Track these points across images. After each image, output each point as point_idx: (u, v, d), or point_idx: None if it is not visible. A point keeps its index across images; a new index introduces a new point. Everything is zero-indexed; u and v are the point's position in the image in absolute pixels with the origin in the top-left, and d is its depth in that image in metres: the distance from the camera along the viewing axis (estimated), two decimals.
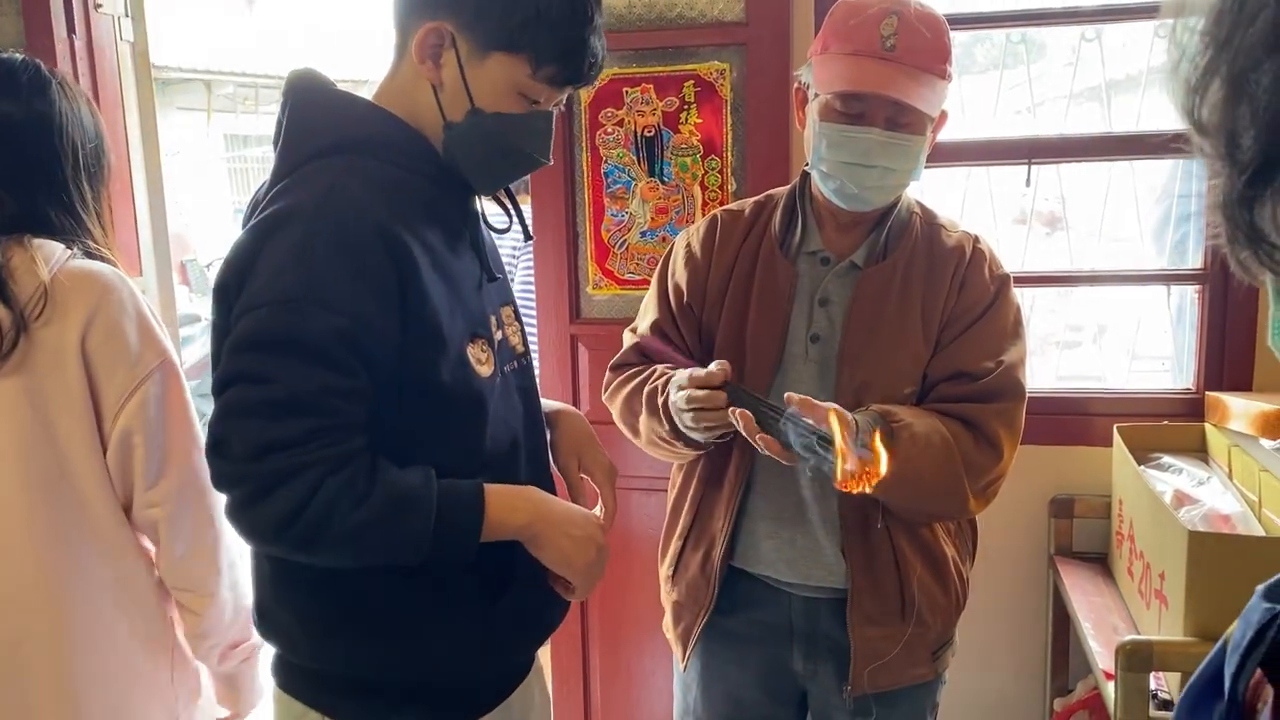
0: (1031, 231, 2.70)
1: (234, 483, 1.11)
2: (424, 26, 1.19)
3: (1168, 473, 1.99)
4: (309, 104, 1.25)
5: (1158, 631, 1.71)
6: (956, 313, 1.56)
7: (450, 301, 1.20)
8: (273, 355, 1.09)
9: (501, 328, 1.31)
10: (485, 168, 1.26)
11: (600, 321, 2.38)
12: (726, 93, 2.23)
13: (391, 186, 1.19)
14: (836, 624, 1.60)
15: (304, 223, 1.13)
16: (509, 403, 1.31)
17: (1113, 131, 2.34)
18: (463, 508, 1.16)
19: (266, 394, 1.08)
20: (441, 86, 1.21)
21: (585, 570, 1.27)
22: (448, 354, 1.19)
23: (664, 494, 1.80)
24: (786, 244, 1.62)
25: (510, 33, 1.17)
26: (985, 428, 1.50)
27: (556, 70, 1.21)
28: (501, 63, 1.19)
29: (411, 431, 1.19)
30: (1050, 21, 2.31)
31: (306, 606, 1.25)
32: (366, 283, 1.12)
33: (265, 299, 1.11)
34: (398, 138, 1.23)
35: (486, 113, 1.21)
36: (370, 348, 1.12)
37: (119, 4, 2.60)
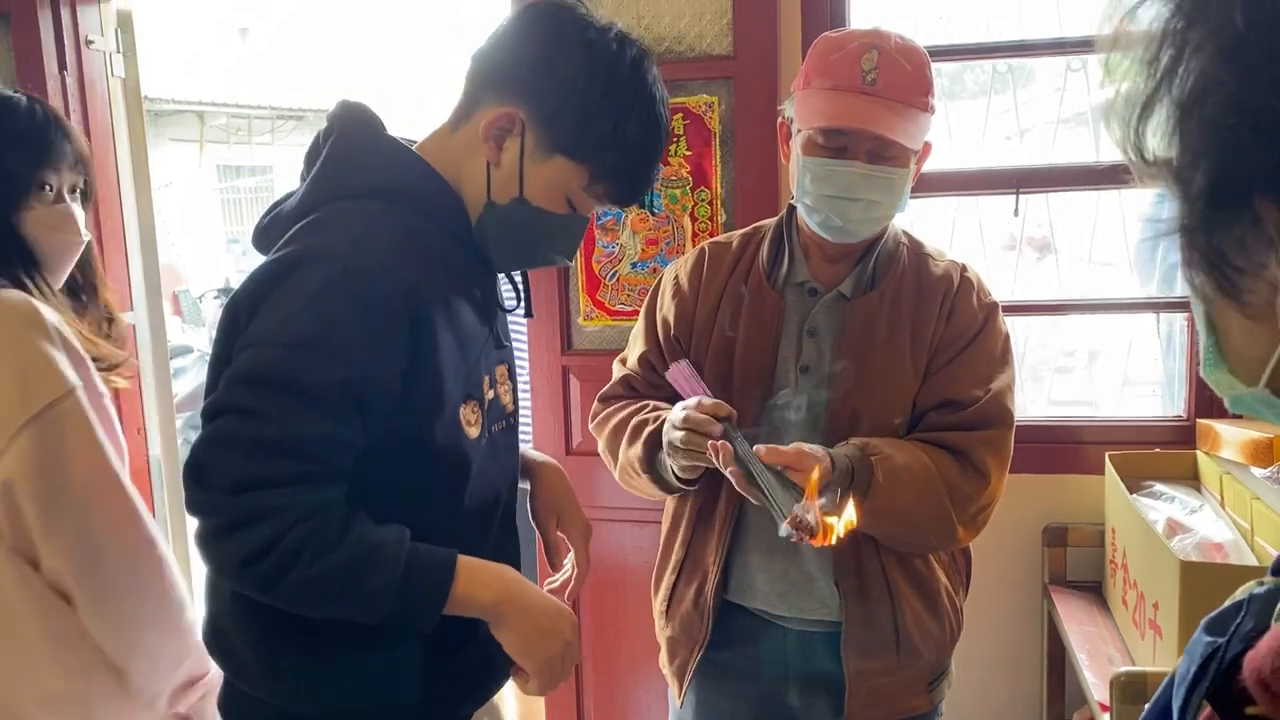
0: (1021, 257, 2.71)
1: (206, 512, 1.09)
2: (499, 109, 1.19)
3: (1160, 501, 1.99)
4: (356, 138, 1.24)
5: (1153, 662, 1.70)
6: (945, 341, 1.56)
7: (456, 364, 1.19)
8: (271, 394, 1.08)
9: (494, 386, 1.30)
10: (510, 252, 1.27)
11: (591, 353, 2.38)
12: (715, 125, 2.25)
13: (421, 243, 1.18)
14: (831, 657, 1.59)
15: (328, 266, 1.11)
16: (494, 461, 1.29)
17: (1100, 162, 2.36)
18: (431, 577, 1.13)
19: (257, 430, 1.07)
20: (497, 166, 1.21)
21: (545, 664, 1.21)
22: (443, 415, 1.18)
23: (657, 526, 1.79)
24: (774, 275, 1.62)
25: (581, 144, 1.18)
26: (972, 455, 1.49)
27: (612, 189, 1.23)
28: (562, 167, 1.20)
29: (394, 484, 1.17)
30: (1035, 53, 2.33)
31: (259, 633, 1.23)
32: (379, 338, 1.11)
33: (274, 338, 1.10)
34: (436, 195, 1.23)
35: (530, 205, 1.21)
36: (369, 400, 1.11)
37: (110, 40, 2.62)
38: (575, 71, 1.17)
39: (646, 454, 1.56)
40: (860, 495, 1.43)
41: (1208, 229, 0.48)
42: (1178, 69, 0.47)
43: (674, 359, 1.66)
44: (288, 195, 1.27)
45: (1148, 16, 0.49)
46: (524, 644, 1.19)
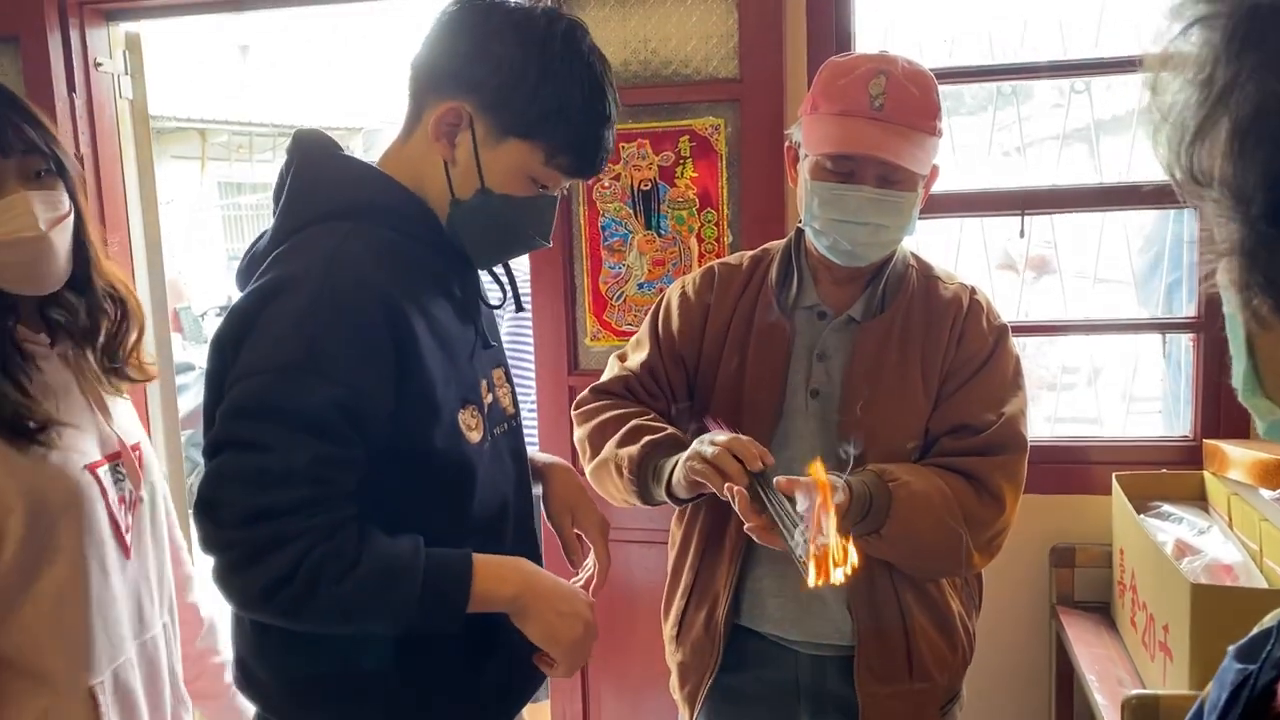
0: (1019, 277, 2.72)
1: (221, 548, 1.10)
2: (443, 105, 1.20)
3: (1168, 522, 1.99)
4: (314, 166, 1.26)
5: (1163, 684, 1.70)
6: (956, 365, 1.56)
7: (446, 370, 1.20)
8: (268, 423, 1.09)
9: (493, 390, 1.31)
10: (486, 245, 1.28)
11: (598, 373, 2.37)
12: (722, 147, 2.26)
13: (394, 254, 1.19)
14: (844, 682, 1.58)
15: (306, 290, 1.12)
16: (499, 466, 1.30)
17: (1104, 182, 2.37)
18: (450, 578, 1.15)
19: (260, 462, 1.08)
20: (454, 164, 1.22)
21: (571, 647, 1.24)
22: (440, 422, 1.19)
23: (662, 547, 1.79)
24: (783, 298, 1.62)
25: (529, 123, 1.19)
26: (988, 481, 1.49)
27: (569, 161, 1.23)
28: (516, 149, 1.21)
29: (401, 496, 1.19)
30: (1040, 75, 2.34)
31: (286, 666, 1.24)
32: (365, 353, 1.12)
33: (263, 366, 1.11)
34: (402, 205, 1.23)
35: (495, 194, 1.22)
36: (365, 417, 1.12)
37: (119, 63, 2.63)
38: (509, 53, 1.18)
39: (641, 457, 1.54)
40: (877, 522, 1.43)
41: (1271, 250, 0.46)
42: (1235, 89, 0.46)
43: (676, 374, 1.66)
44: (260, 235, 1.28)
45: (1199, 38, 0.48)
46: (548, 630, 1.22)
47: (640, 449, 1.54)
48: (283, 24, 11.37)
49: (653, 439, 1.54)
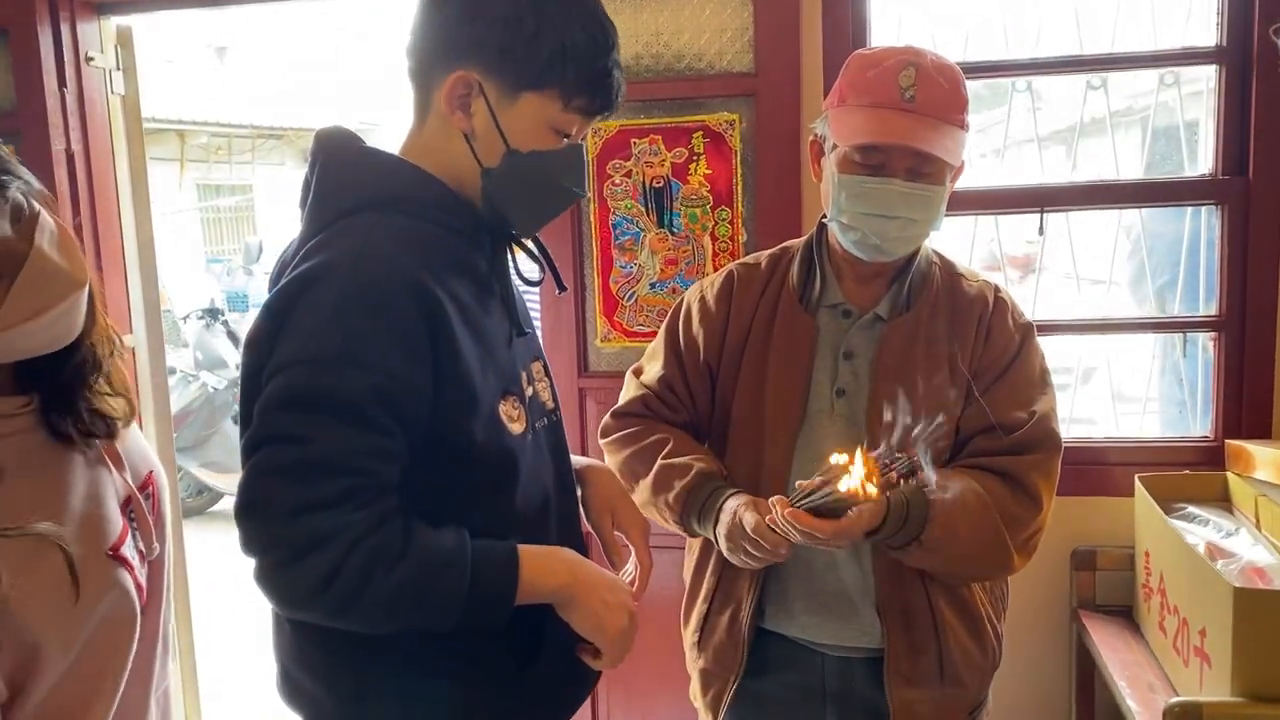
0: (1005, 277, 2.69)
1: (266, 547, 1.07)
2: (449, 78, 1.18)
3: (1194, 524, 1.96)
4: (338, 161, 1.23)
5: (1199, 690, 1.67)
6: (984, 365, 1.54)
7: (482, 359, 1.18)
8: (307, 415, 1.06)
9: (533, 383, 1.29)
10: (528, 207, 1.25)
11: (609, 374, 2.33)
12: (736, 143, 2.21)
13: (422, 242, 1.17)
14: (873, 685, 1.55)
15: (336, 281, 1.10)
16: (541, 460, 1.28)
17: (1120, 180, 2.35)
18: (497, 570, 1.14)
19: (301, 454, 1.05)
20: (474, 134, 1.20)
21: (617, 637, 1.23)
22: (480, 412, 1.16)
23: (677, 552, 1.75)
24: (806, 297, 1.59)
25: (537, 71, 1.17)
26: (1024, 480, 1.47)
27: (586, 101, 1.20)
28: (532, 102, 1.18)
29: (443, 490, 1.16)
30: (1056, 71, 2.32)
31: (332, 672, 1.21)
32: (400, 340, 1.10)
33: (299, 358, 1.08)
34: (427, 193, 1.21)
35: (523, 153, 1.20)
36: (405, 406, 1.10)
37: (110, 57, 2.56)
38: (500, 8, 1.16)
39: (681, 510, 1.56)
40: (916, 529, 1.41)
41: None
42: None
43: (700, 384, 1.64)
44: (290, 243, 1.27)
45: None
46: (594, 620, 1.21)
47: (678, 503, 1.56)
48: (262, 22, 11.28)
49: (685, 487, 1.55)
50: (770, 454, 1.54)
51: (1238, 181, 2.12)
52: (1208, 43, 2.16)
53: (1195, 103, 2.35)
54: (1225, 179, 2.14)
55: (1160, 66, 2.28)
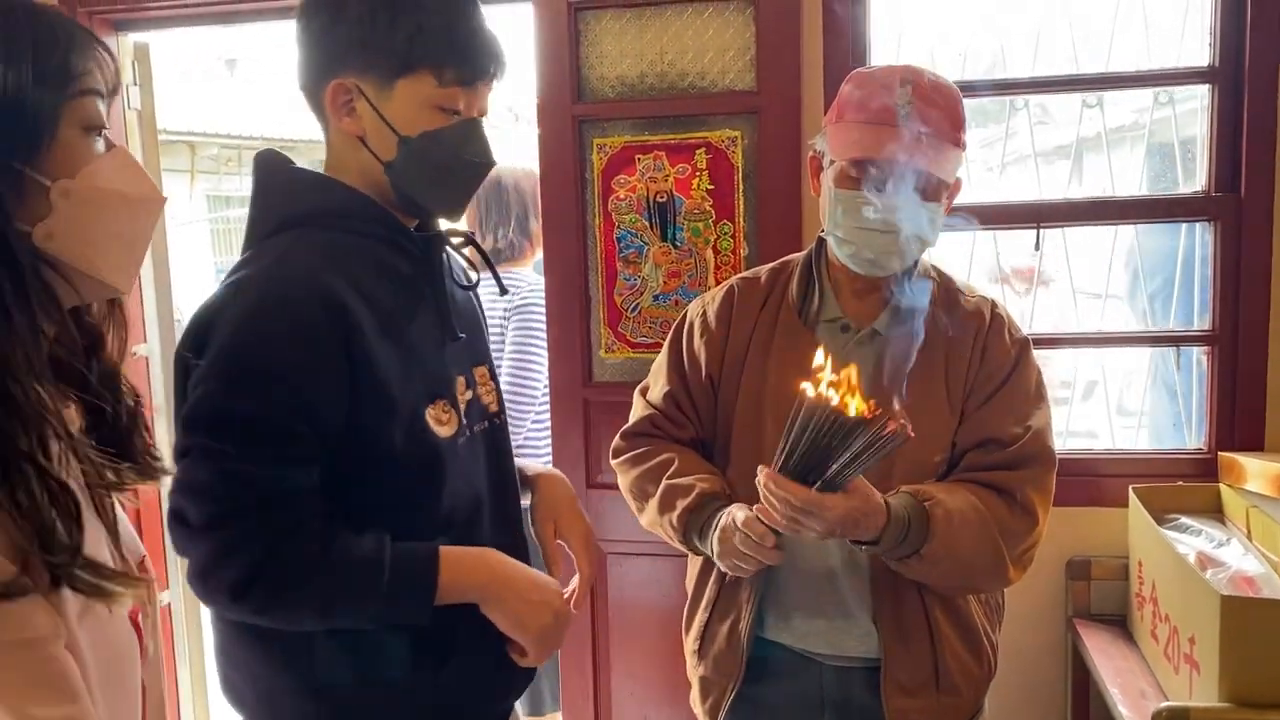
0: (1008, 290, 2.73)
1: (191, 551, 1.15)
2: (328, 89, 1.25)
3: (1186, 534, 1.99)
4: (267, 183, 1.31)
5: (1189, 697, 1.70)
6: (980, 380, 1.56)
7: (404, 365, 1.23)
8: (225, 428, 1.13)
9: (472, 387, 1.35)
10: (437, 188, 1.29)
11: (612, 385, 2.38)
12: (738, 159, 2.26)
13: (341, 254, 1.23)
14: (870, 694, 1.57)
15: (252, 296, 1.18)
16: (475, 462, 1.33)
17: (1115, 196, 2.39)
18: (417, 570, 1.20)
19: (220, 466, 1.13)
20: (366, 134, 1.26)
21: (539, 634, 1.28)
22: (399, 417, 1.22)
23: (676, 560, 1.79)
24: (805, 311, 1.62)
25: (401, 56, 1.22)
26: (1020, 494, 1.50)
27: (458, 71, 1.24)
28: (407, 87, 1.23)
29: (366, 494, 1.22)
30: (1053, 89, 2.36)
31: (257, 672, 1.28)
32: (313, 351, 1.16)
33: (216, 373, 1.15)
34: (346, 206, 1.27)
35: (414, 138, 1.25)
36: (319, 414, 1.16)
37: (127, 73, 2.61)
38: (355, 9, 1.22)
39: (683, 529, 1.60)
40: (917, 543, 1.43)
41: None
42: None
43: (702, 399, 1.67)
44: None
45: None
46: (515, 619, 1.26)
47: (679, 521, 1.59)
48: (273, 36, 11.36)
49: (687, 506, 1.57)
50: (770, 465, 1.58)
51: (1230, 198, 2.16)
52: (1201, 62, 2.20)
53: (1191, 120, 2.39)
54: (1218, 196, 2.18)
55: (1154, 86, 2.33)
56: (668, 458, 1.64)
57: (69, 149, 0.83)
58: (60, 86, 0.83)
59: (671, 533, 1.62)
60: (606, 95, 2.31)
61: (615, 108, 2.30)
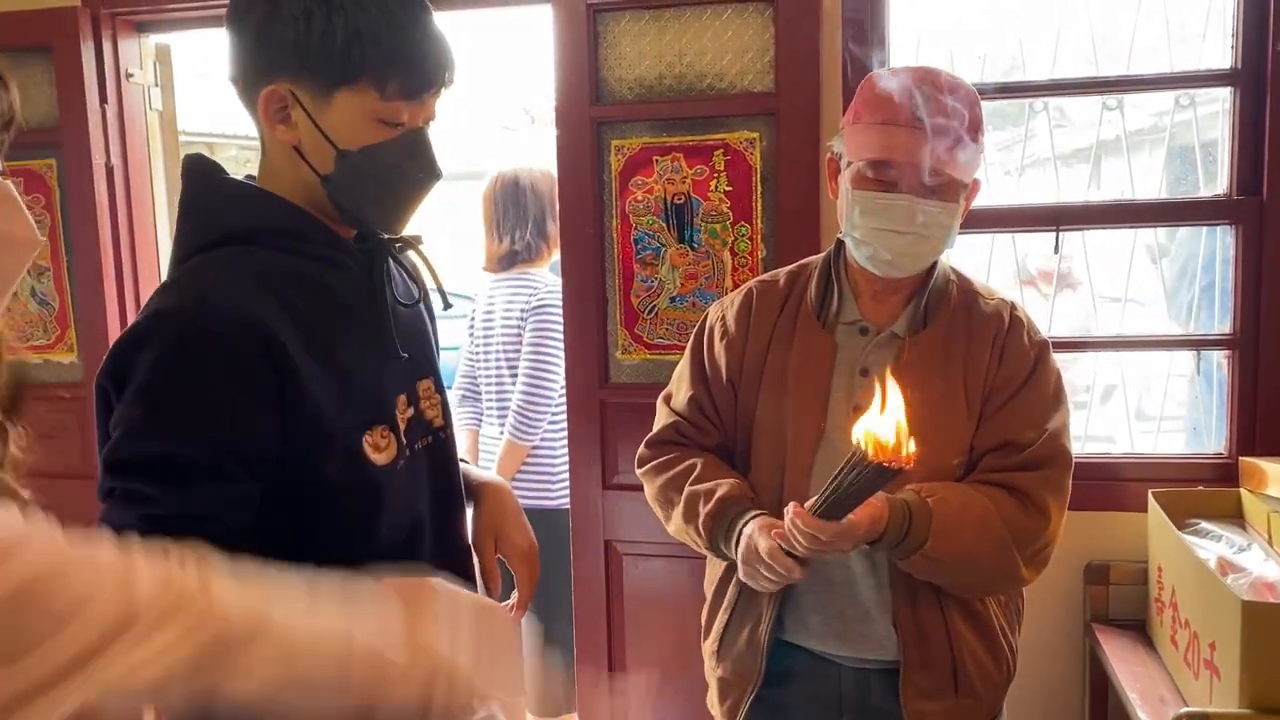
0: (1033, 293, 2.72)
1: None
2: (262, 95, 1.16)
3: (1206, 539, 1.98)
4: (196, 195, 1.22)
5: (1209, 703, 1.69)
6: (998, 383, 1.56)
7: (338, 394, 1.16)
8: (149, 472, 1.05)
9: (414, 404, 1.28)
10: (377, 204, 1.22)
11: (629, 386, 2.38)
12: (756, 161, 2.26)
13: (275, 277, 1.16)
14: (889, 696, 1.57)
15: (175, 328, 1.08)
16: (416, 483, 1.27)
17: (1136, 199, 2.38)
18: None
19: (146, 510, 1.05)
20: (302, 145, 1.17)
21: None
22: (334, 450, 1.16)
23: (691, 562, 1.79)
24: (823, 314, 1.62)
25: (340, 65, 1.13)
26: (1032, 494, 1.50)
27: (401, 83, 1.15)
28: (347, 98, 1.15)
29: (303, 526, 1.15)
30: (1073, 92, 2.35)
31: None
32: (243, 388, 1.09)
33: (137, 410, 1.07)
34: (282, 224, 1.19)
35: (354, 151, 1.17)
36: (251, 452, 1.09)
37: (149, 74, 2.64)
38: (289, 8, 1.13)
39: (708, 536, 1.59)
40: (919, 539, 1.43)
41: None
42: None
43: (724, 404, 1.67)
44: None
45: None
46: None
47: (704, 528, 1.58)
48: None
49: (709, 512, 1.57)
50: (791, 469, 1.57)
51: (1252, 202, 2.15)
52: (1223, 65, 2.19)
53: (1212, 123, 2.38)
54: (1240, 199, 2.17)
55: (1175, 88, 2.32)
56: (690, 464, 1.64)
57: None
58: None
59: (697, 539, 1.62)
60: (625, 97, 2.32)
61: (633, 109, 2.31)
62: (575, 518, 2.47)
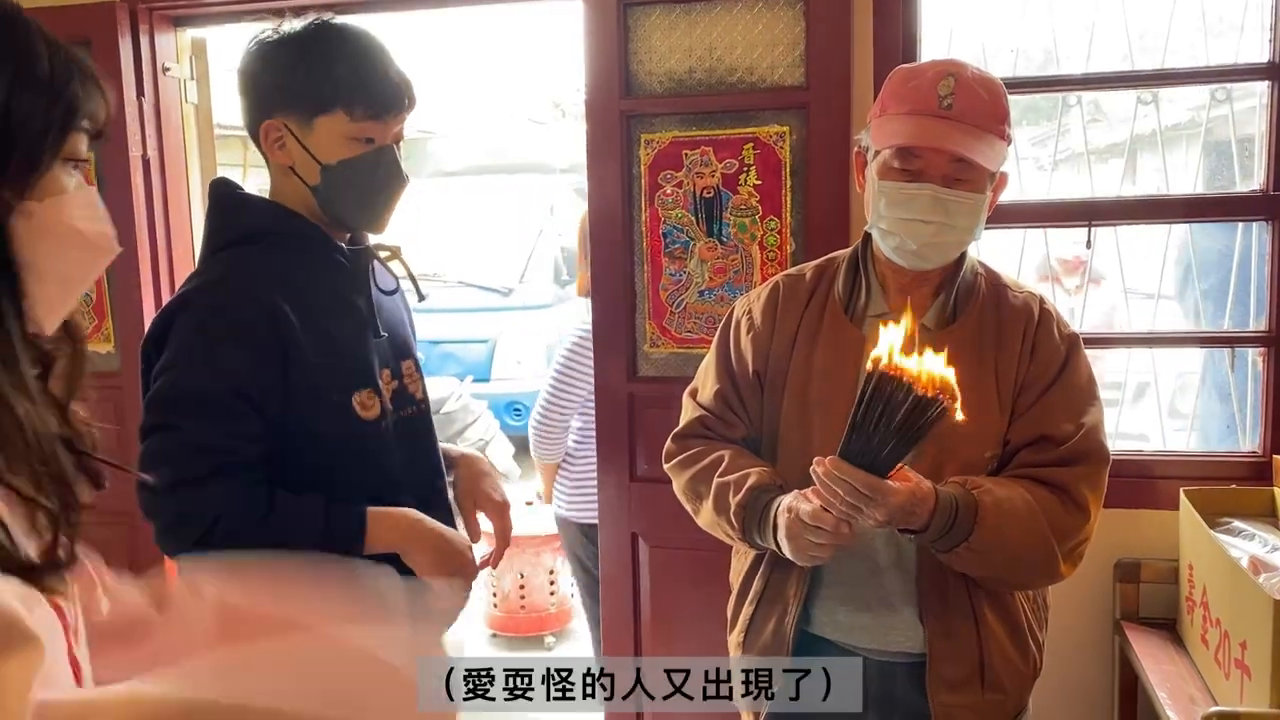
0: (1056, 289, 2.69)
1: (156, 514, 1.39)
2: (262, 128, 1.49)
3: (1239, 538, 1.96)
4: (216, 207, 1.55)
5: (1239, 702, 1.68)
6: (1030, 377, 1.55)
7: (330, 359, 1.48)
8: (179, 409, 1.38)
9: (399, 378, 1.60)
10: (358, 207, 1.52)
11: (657, 380, 2.39)
12: (786, 155, 2.26)
13: (276, 267, 1.48)
14: (914, 689, 1.57)
15: (202, 302, 1.43)
16: (400, 439, 1.56)
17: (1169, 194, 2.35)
18: (347, 525, 1.44)
19: (176, 439, 1.37)
20: (294, 164, 1.49)
21: (448, 579, 1.50)
22: (327, 402, 1.47)
23: (715, 555, 1.80)
24: (851, 307, 1.62)
25: (316, 99, 1.46)
26: (1073, 491, 1.49)
27: (367, 108, 1.47)
28: (325, 124, 1.47)
29: (302, 467, 1.45)
30: (1106, 86, 2.33)
31: None
32: (251, 347, 1.41)
33: (173, 363, 1.40)
34: (285, 225, 1.51)
35: (333, 164, 1.48)
36: (258, 398, 1.40)
37: (185, 67, 2.67)
38: (273, 60, 1.48)
39: (741, 526, 1.58)
40: (965, 532, 1.43)
41: None
42: None
43: (751, 398, 1.67)
44: None
45: None
46: (428, 566, 1.48)
47: (736, 519, 1.58)
48: None
49: (739, 501, 1.57)
50: None
51: None
52: (1260, 58, 2.16)
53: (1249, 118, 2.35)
54: (1276, 194, 2.14)
55: (1210, 82, 2.29)
56: (718, 456, 1.65)
57: (48, 176, 0.84)
58: (66, 118, 0.84)
59: (730, 530, 1.61)
60: (655, 91, 2.32)
61: (663, 103, 2.31)
62: (602, 510, 2.49)
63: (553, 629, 4.20)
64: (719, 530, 1.65)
